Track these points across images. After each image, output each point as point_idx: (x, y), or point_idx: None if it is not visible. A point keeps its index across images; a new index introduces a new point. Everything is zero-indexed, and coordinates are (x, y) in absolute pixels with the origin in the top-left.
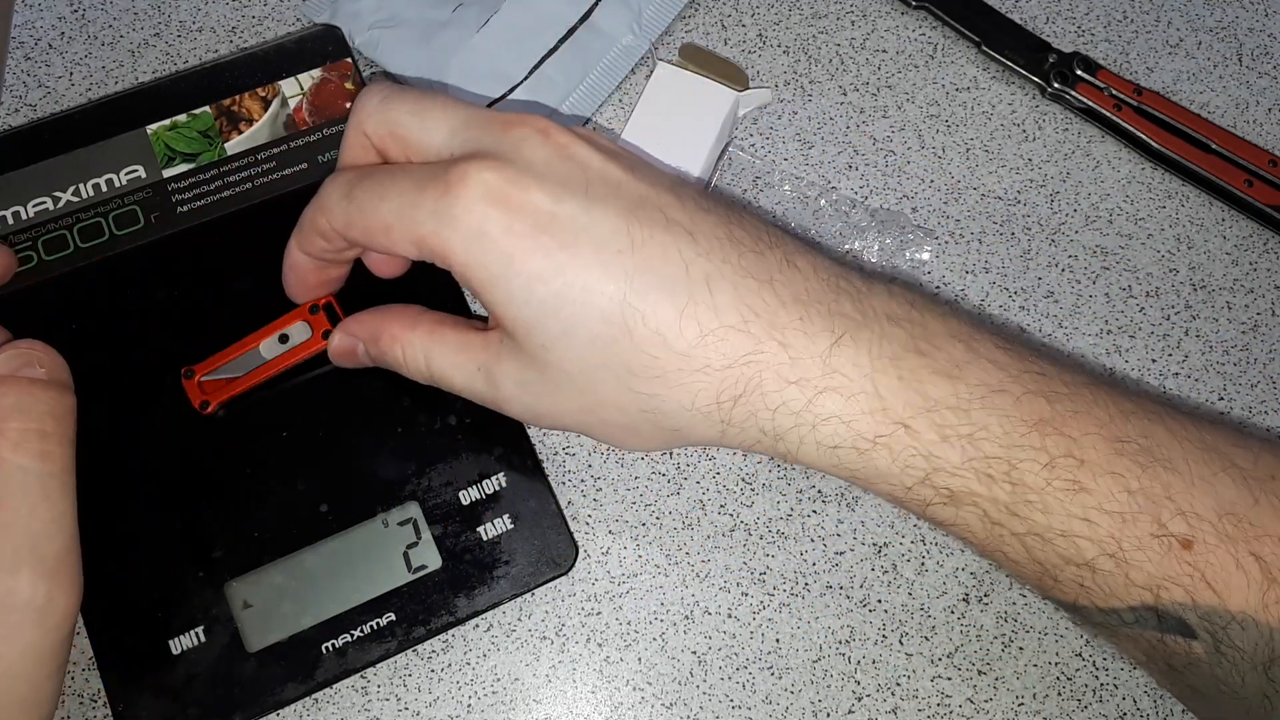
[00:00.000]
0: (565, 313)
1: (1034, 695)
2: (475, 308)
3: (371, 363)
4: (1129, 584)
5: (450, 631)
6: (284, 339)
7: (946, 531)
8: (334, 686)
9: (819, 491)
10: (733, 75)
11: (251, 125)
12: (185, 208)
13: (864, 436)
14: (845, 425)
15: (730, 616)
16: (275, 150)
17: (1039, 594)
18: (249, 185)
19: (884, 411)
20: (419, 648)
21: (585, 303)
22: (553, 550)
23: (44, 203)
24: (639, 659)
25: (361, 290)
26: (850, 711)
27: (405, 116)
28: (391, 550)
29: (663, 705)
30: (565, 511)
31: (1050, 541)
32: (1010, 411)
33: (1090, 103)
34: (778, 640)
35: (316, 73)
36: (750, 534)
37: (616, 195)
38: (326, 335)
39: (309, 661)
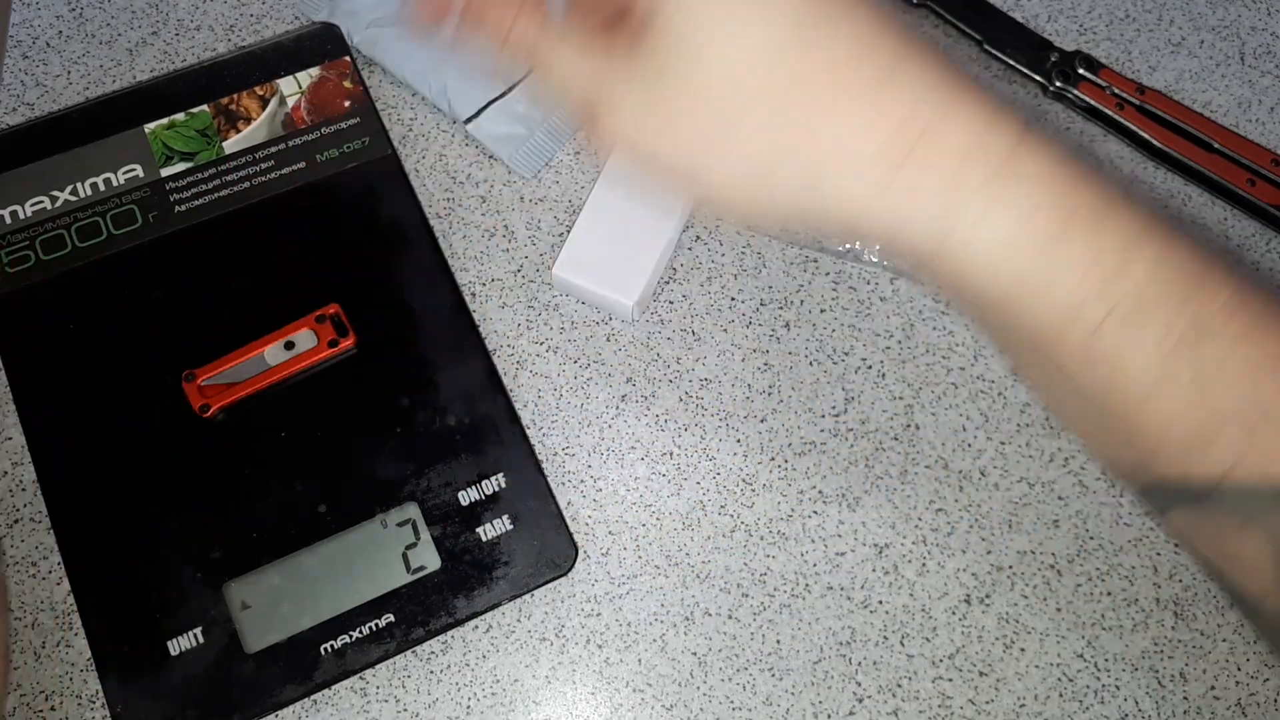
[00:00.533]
0: (735, 16)
1: (1035, 697)
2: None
3: (453, 28)
4: None
5: (449, 632)
6: (289, 346)
7: (1096, 370)
8: (333, 688)
9: (820, 492)
10: None
11: (250, 124)
12: (183, 207)
13: (1045, 232)
14: (1026, 217)
15: (731, 618)
16: (274, 149)
17: (1149, 461)
18: (247, 184)
19: (1072, 206)
20: (418, 649)
21: (757, 21)
22: (552, 551)
23: (41, 202)
24: (639, 660)
25: (365, 298)
26: (851, 713)
27: None
28: (390, 551)
29: (663, 706)
30: (565, 512)
31: (1225, 374)
32: (1193, 246)
33: (1092, 101)
34: (778, 641)
35: (315, 71)
36: (751, 535)
37: None
38: (333, 344)
39: (308, 663)
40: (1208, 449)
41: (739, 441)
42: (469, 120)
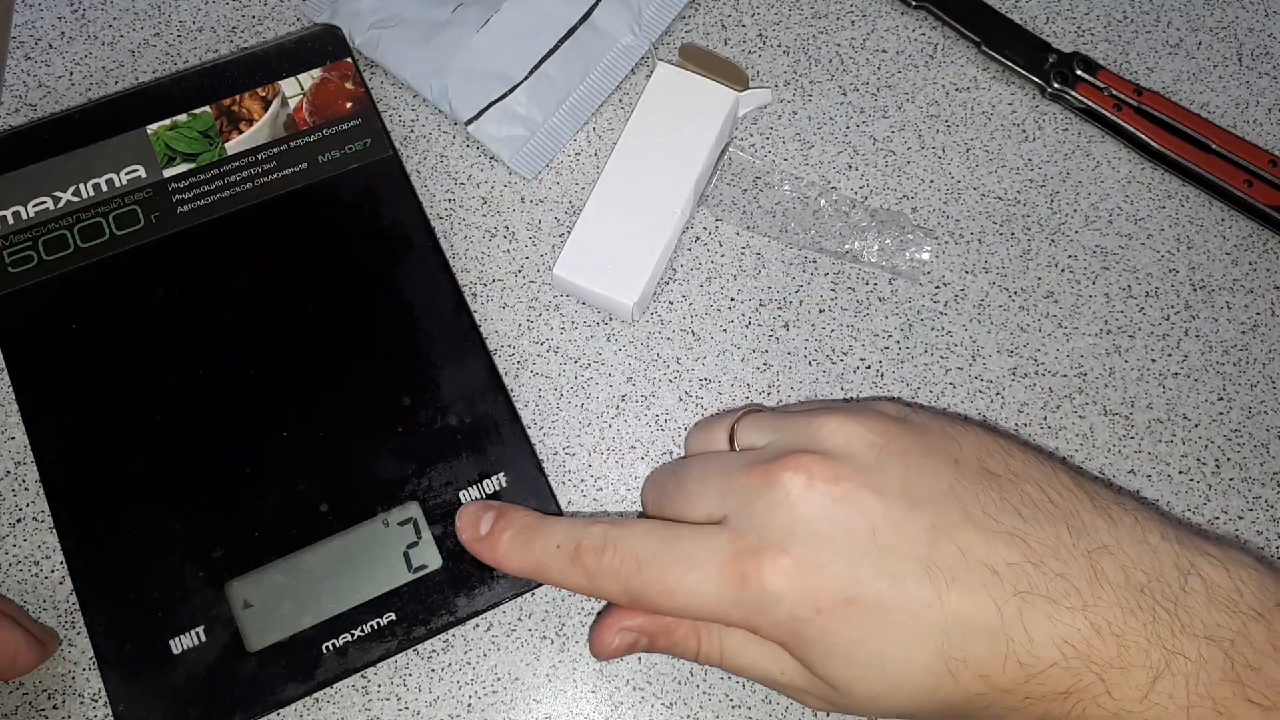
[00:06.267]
0: (889, 670)
1: None
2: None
3: (645, 651)
4: None
5: (450, 631)
6: None
7: None
8: (334, 686)
9: None
10: (733, 75)
11: (252, 125)
12: (185, 208)
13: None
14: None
15: None
16: (275, 150)
17: None
18: (249, 185)
19: None
20: (419, 647)
21: (907, 660)
22: None
23: (44, 203)
24: (639, 658)
25: (367, 299)
26: None
27: (671, 492)
28: (392, 550)
29: (663, 705)
30: (565, 511)
31: None
32: None
33: (1090, 103)
34: None
35: (317, 73)
36: None
37: (906, 540)
38: None
39: (309, 661)
40: None
41: None
42: (470, 122)
